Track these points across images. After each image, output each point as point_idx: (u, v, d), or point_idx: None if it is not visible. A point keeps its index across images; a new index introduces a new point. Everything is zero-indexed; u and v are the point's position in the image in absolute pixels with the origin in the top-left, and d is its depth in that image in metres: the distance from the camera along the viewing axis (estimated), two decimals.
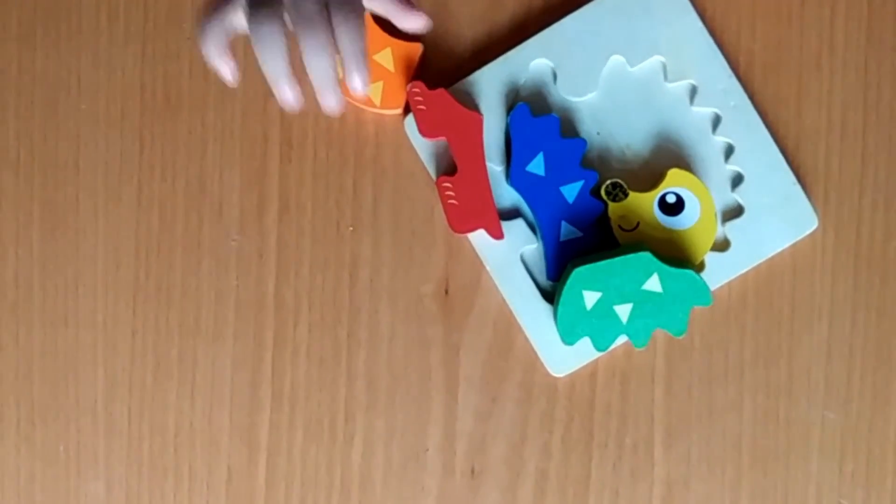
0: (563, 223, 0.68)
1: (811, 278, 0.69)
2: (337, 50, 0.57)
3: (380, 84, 0.68)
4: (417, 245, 0.70)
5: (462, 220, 0.67)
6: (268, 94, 0.69)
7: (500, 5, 0.70)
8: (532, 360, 0.69)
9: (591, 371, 0.69)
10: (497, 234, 0.67)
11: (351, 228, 0.70)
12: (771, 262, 0.68)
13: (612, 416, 0.69)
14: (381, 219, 0.70)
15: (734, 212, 0.68)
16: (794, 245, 0.68)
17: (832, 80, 0.69)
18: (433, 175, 0.69)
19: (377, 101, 0.68)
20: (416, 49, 0.69)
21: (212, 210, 0.70)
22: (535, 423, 0.69)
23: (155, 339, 0.70)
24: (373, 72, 0.67)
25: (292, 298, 0.70)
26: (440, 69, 0.69)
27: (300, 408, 0.69)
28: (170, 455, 0.70)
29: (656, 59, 0.68)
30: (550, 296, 0.68)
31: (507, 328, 0.69)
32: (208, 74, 0.70)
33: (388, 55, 0.68)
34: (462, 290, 0.69)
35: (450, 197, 0.66)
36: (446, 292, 0.69)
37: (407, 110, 0.68)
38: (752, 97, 0.68)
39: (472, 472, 0.69)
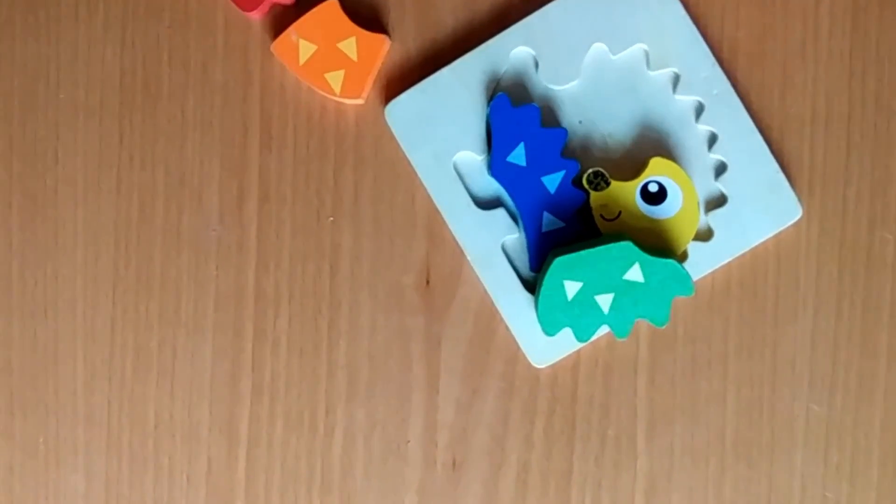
0: (545, 213, 0.67)
1: (795, 268, 0.68)
2: None
3: (341, 72, 0.67)
4: (398, 235, 0.69)
5: None
6: (248, 83, 0.70)
7: None
8: (514, 351, 0.68)
9: (573, 362, 0.68)
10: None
11: (331, 218, 0.69)
12: (754, 251, 0.68)
13: (595, 407, 0.68)
14: (361, 209, 0.69)
15: (717, 201, 0.68)
16: (777, 235, 0.67)
17: (817, 69, 0.68)
18: (414, 165, 0.68)
19: (337, 90, 0.68)
20: (382, 41, 0.68)
21: (191, 200, 0.70)
22: (517, 415, 0.69)
23: (135, 329, 0.70)
24: (335, 60, 0.67)
25: (272, 289, 0.69)
26: (420, 57, 0.69)
27: (280, 399, 0.69)
28: (149, 447, 0.70)
29: (639, 48, 0.68)
30: (532, 286, 0.67)
31: (488, 319, 0.68)
32: (188, 63, 0.70)
33: (352, 44, 0.67)
34: (443, 280, 0.69)
35: None
36: (427, 283, 0.69)
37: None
38: (735, 85, 0.67)
39: (454, 463, 0.69)
